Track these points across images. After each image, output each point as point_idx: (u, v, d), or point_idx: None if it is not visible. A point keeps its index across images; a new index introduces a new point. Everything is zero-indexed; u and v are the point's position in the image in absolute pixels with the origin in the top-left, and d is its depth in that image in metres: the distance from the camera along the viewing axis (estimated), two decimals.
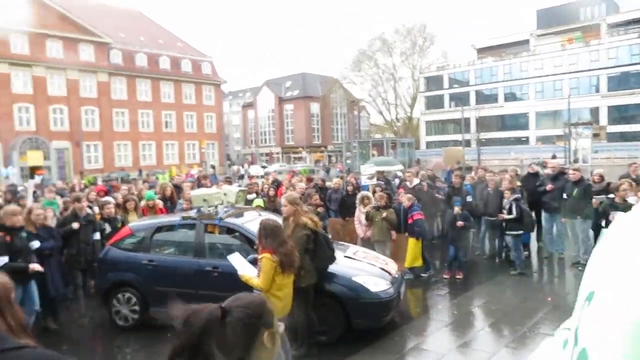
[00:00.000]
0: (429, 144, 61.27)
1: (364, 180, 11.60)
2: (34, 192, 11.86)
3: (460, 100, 59.11)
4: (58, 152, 38.41)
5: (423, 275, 8.10)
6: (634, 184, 7.65)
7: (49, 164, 36.16)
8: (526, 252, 9.02)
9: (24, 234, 5.41)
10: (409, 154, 40.98)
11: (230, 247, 5.73)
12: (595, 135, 45.67)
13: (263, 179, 13.79)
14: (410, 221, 8.01)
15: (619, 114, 48.53)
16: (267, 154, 75.84)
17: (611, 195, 7.62)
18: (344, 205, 9.84)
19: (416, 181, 10.95)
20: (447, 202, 9.50)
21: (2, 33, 32.82)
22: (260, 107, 78.90)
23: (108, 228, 7.09)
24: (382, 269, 5.94)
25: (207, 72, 51.58)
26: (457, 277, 8.00)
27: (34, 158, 29.14)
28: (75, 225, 6.47)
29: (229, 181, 12.63)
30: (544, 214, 9.47)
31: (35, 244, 5.59)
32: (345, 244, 7.23)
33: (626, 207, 6.52)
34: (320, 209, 8.89)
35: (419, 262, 7.95)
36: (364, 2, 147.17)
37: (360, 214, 8.39)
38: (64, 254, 6.48)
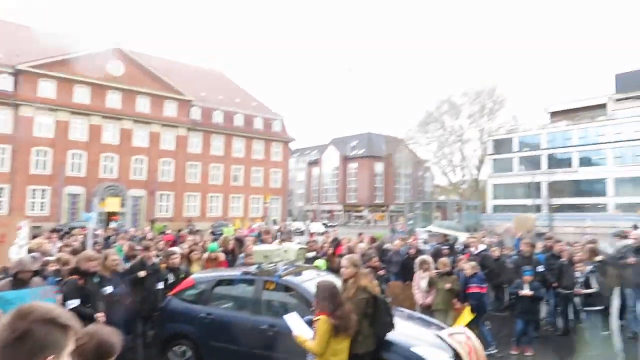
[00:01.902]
0: (495, 208, 58.87)
1: (420, 245, 11.26)
2: (108, 237, 12.63)
3: (531, 163, 56.97)
4: (134, 200, 41.02)
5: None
6: None
7: (124, 210, 38.58)
8: (606, 332, 8.18)
9: (96, 279, 5.69)
10: (474, 217, 39.48)
11: (288, 306, 5.70)
12: None
13: (323, 237, 13.77)
14: (468, 290, 7.60)
15: None
16: (328, 211, 76.27)
17: None
18: (405, 268, 9.55)
19: (482, 247, 10.47)
20: (515, 271, 8.96)
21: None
22: (325, 164, 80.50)
23: (171, 278, 7.28)
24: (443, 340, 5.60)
25: (277, 130, 53.86)
26: (527, 354, 7.37)
27: (112, 204, 31.18)
28: (142, 273, 6.73)
29: (288, 238, 12.75)
30: (626, 290, 8.64)
31: (108, 289, 5.80)
32: (405, 310, 6.95)
33: None
34: (381, 272, 8.70)
35: None
36: (433, 65, 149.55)
37: (419, 279, 8.09)
38: (129, 301, 6.71)
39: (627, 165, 49.52)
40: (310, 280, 5.93)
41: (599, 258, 8.59)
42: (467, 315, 7.44)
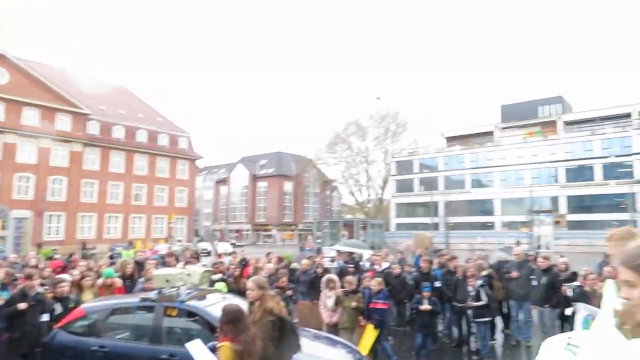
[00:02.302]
0: (398, 226, 61.93)
1: (326, 263, 11.42)
2: None
3: (429, 184, 61.10)
4: (17, 222, 36.89)
5: None
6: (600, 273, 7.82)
7: (5, 234, 34.58)
8: (494, 341, 8.88)
9: None
10: (379, 235, 41.13)
11: (191, 333, 5.43)
12: (557, 223, 47.32)
13: (230, 258, 13.41)
14: (370, 306, 7.82)
15: (577, 203, 50.76)
16: (237, 231, 74.85)
17: (577, 283, 7.74)
18: (313, 287, 9.60)
19: (385, 264, 10.89)
20: (416, 287, 9.41)
21: None
22: (234, 183, 79.22)
23: (59, 308, 6.59)
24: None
25: (183, 147, 52.05)
26: None
27: None
28: (22, 305, 5.98)
29: (195, 258, 12.24)
30: (510, 301, 9.48)
31: None
32: (312, 330, 6.96)
33: (596, 296, 6.58)
34: (289, 292, 8.65)
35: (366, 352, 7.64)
36: (341, 88, 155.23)
37: (325, 298, 8.16)
38: (5, 337, 5.94)
39: (511, 187, 54.95)
40: (215, 304, 5.71)
41: (485, 273, 9.36)
42: (371, 332, 7.65)
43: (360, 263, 13.00)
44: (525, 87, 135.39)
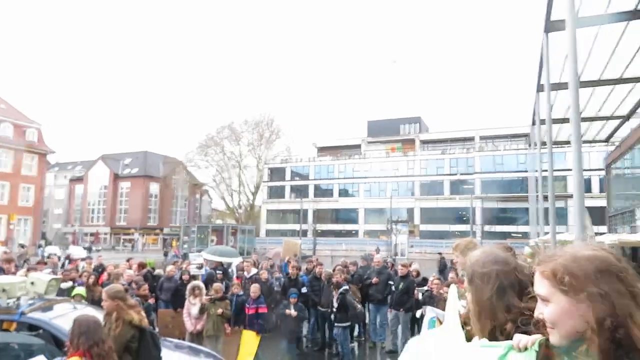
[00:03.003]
0: (268, 232, 62.41)
1: (193, 270, 11.10)
2: None
3: (300, 192, 62.81)
4: None
5: None
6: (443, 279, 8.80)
7: None
8: (353, 344, 9.42)
9: None
10: (249, 241, 41.09)
11: (32, 349, 4.83)
12: (411, 232, 52.15)
13: (84, 264, 12.23)
14: (251, 312, 7.80)
15: (429, 214, 56.52)
16: (92, 234, 68.32)
17: (426, 288, 8.62)
18: (177, 295, 9.21)
19: (254, 271, 10.91)
20: (283, 293, 9.59)
21: None
22: (92, 182, 72.33)
23: None
24: None
25: (32, 139, 46.06)
26: None
27: None
28: None
29: (42, 265, 10.90)
30: (370, 306, 10.16)
31: None
32: (174, 339, 6.67)
33: (439, 299, 7.36)
34: (151, 301, 8.19)
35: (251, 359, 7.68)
36: (218, 88, 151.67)
37: (190, 305, 7.91)
38: None
39: (374, 198, 59.04)
40: (64, 315, 5.17)
41: (346, 279, 9.92)
42: (252, 338, 7.61)
43: (230, 270, 12.84)
44: (391, 106, 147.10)
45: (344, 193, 62.48)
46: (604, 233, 20.91)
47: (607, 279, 1.07)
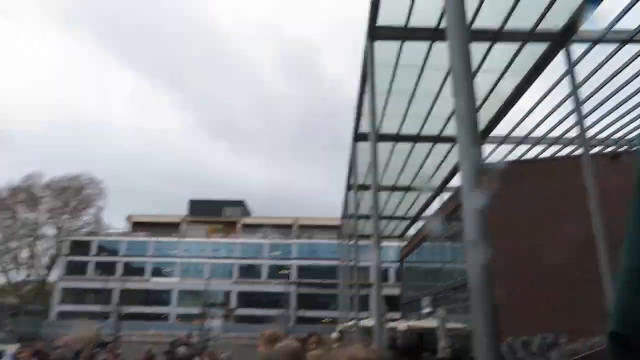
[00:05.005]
0: (62, 314, 53.62)
1: None
2: None
3: (106, 270, 56.52)
4: None
5: None
6: None
7: None
8: None
9: None
10: (35, 324, 34.68)
11: None
12: (226, 317, 50.65)
13: None
14: None
15: (246, 298, 56.05)
16: None
17: None
18: None
19: None
20: None
21: None
22: None
23: None
24: None
25: None
26: None
27: None
28: None
29: None
30: None
31: None
32: None
33: None
34: None
35: None
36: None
37: None
38: None
39: (190, 279, 56.41)
40: None
41: None
42: None
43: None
44: (214, 186, 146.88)
45: (157, 272, 58.37)
46: (398, 319, 23.59)
47: None
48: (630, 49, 7.67)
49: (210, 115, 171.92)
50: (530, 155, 12.56)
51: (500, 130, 10.68)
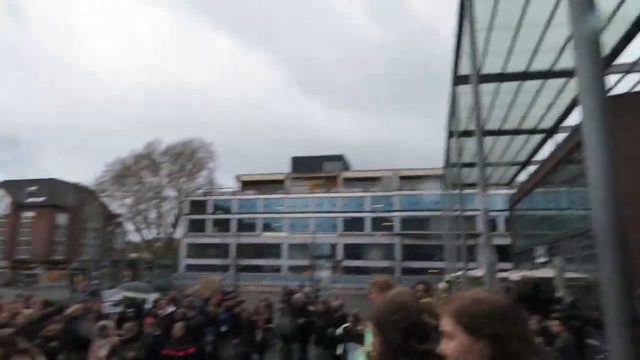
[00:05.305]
0: (188, 267, 59.96)
1: (108, 308, 10.45)
2: None
3: (222, 226, 61.45)
4: None
5: None
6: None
7: None
8: None
9: None
10: (166, 276, 39.14)
11: None
12: (334, 268, 52.64)
13: None
14: (179, 354, 7.42)
15: (351, 250, 57.63)
16: None
17: (347, 324, 8.76)
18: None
19: (171, 308, 10.45)
20: (200, 332, 9.27)
21: None
22: None
23: None
24: None
25: None
26: None
27: None
28: None
29: None
30: (294, 345, 10.08)
31: None
32: None
33: (358, 335, 7.50)
34: (53, 343, 7.52)
35: None
36: (132, 111, 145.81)
37: (97, 348, 7.38)
38: None
39: (298, 233, 59.22)
40: None
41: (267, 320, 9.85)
42: None
43: (146, 307, 12.19)
44: (314, 142, 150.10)
45: (267, 228, 62.11)
46: (509, 269, 22.64)
47: (502, 322, 1.23)
48: None
49: (305, 73, 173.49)
50: None
51: (627, 57, 9.33)
